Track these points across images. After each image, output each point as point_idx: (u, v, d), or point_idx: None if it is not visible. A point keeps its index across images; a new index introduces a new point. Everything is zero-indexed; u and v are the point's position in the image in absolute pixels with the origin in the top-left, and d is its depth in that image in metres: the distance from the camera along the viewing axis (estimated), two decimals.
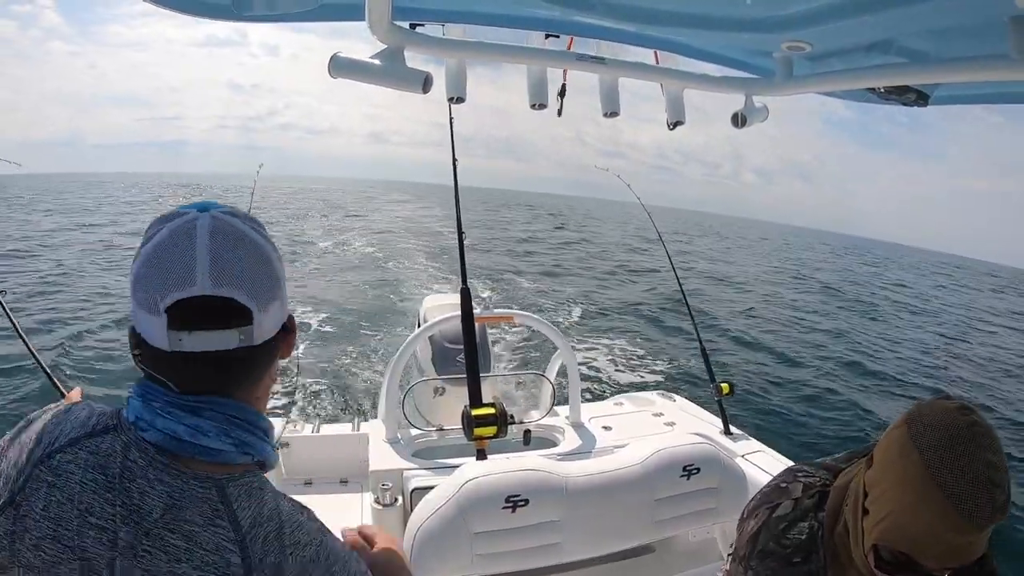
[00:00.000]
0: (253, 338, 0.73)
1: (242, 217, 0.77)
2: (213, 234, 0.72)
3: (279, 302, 0.78)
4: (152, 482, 0.71)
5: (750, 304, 16.44)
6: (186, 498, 0.71)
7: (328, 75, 1.26)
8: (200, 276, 0.69)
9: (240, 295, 0.71)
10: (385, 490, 2.31)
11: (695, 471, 2.12)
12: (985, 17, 1.08)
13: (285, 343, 0.82)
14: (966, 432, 0.91)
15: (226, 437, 0.73)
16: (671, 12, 1.30)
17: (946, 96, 1.56)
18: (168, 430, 0.71)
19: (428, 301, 4.50)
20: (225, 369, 0.74)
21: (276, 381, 0.86)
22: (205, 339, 0.70)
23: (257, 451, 0.77)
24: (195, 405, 0.73)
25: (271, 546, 0.73)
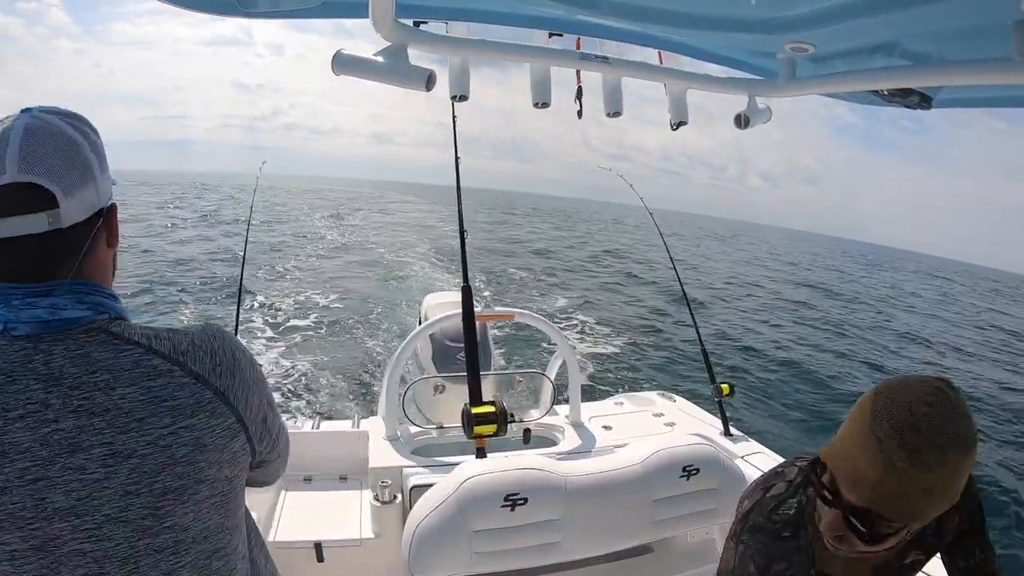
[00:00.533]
0: (61, 221, 0.81)
1: (61, 114, 0.86)
2: (28, 130, 0.80)
3: (91, 188, 0.85)
4: (50, 356, 0.79)
5: (753, 305, 16.43)
6: (85, 349, 0.81)
7: (332, 72, 1.26)
8: (10, 166, 0.77)
9: (44, 181, 0.79)
10: (384, 487, 2.31)
11: (695, 472, 2.13)
12: (989, 20, 1.08)
13: (107, 229, 0.90)
14: (920, 388, 0.93)
15: (80, 305, 0.83)
16: (675, 12, 1.29)
17: (949, 99, 1.56)
18: (33, 318, 0.80)
19: (429, 299, 4.51)
20: (44, 250, 0.82)
21: (116, 268, 0.95)
22: (16, 223, 0.78)
23: (112, 309, 0.86)
24: (47, 289, 0.81)
25: (169, 340, 0.86)
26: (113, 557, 0.81)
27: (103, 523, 0.79)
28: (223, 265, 15.05)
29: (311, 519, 2.33)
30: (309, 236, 23.82)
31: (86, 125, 0.88)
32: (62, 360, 0.79)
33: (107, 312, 0.85)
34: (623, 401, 3.46)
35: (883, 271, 45.17)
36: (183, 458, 0.83)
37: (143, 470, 0.80)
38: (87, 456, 0.78)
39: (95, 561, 0.80)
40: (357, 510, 2.46)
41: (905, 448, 0.89)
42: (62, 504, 0.77)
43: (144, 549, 0.82)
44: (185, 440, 0.83)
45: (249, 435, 0.92)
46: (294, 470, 2.76)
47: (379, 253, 19.50)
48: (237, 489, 0.93)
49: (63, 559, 0.78)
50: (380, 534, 2.30)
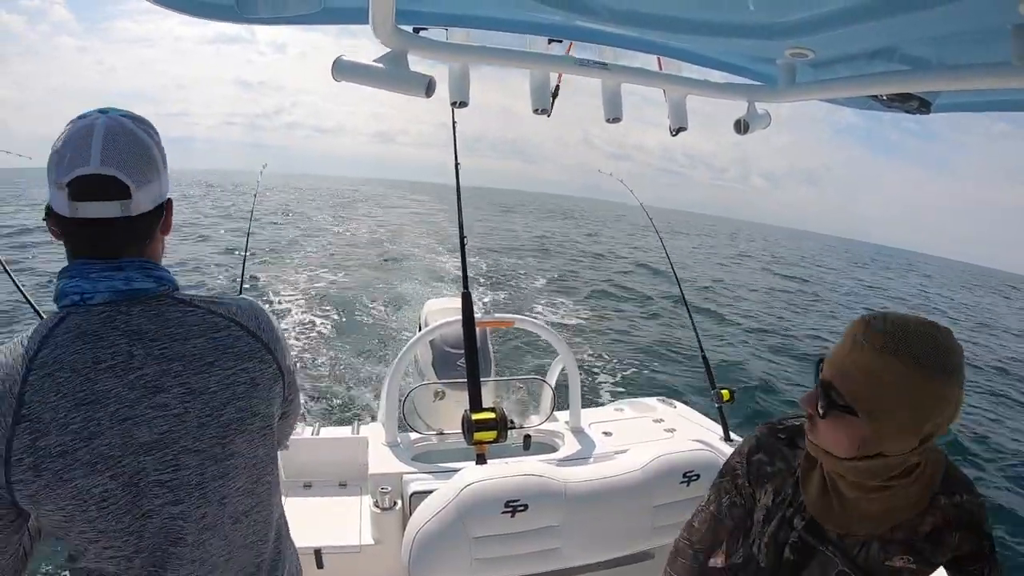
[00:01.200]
0: (131, 210, 0.96)
1: (133, 119, 1.00)
2: (108, 129, 0.94)
3: (156, 184, 1.00)
4: (129, 317, 0.96)
5: (751, 308, 16.42)
6: (158, 310, 0.98)
7: (332, 78, 1.27)
8: (93, 159, 0.92)
9: (121, 175, 0.94)
10: (384, 493, 2.31)
11: (695, 478, 2.12)
12: (988, 25, 1.08)
13: (163, 220, 1.05)
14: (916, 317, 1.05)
15: (148, 278, 0.99)
16: (674, 18, 1.30)
17: (949, 104, 1.57)
18: (110, 288, 0.95)
19: (429, 305, 4.50)
20: (116, 233, 0.97)
21: (164, 252, 1.09)
22: (95, 207, 0.93)
23: (172, 282, 1.03)
24: (118, 264, 0.97)
25: (223, 304, 1.06)
26: (187, 484, 0.97)
27: (180, 453, 0.96)
28: (224, 264, 15.07)
29: (310, 525, 2.32)
30: (309, 234, 23.85)
31: (152, 129, 1.02)
32: (140, 319, 0.96)
33: (168, 284, 1.02)
34: (623, 407, 3.45)
35: (887, 271, 45.24)
36: (242, 394, 1.02)
37: (213, 404, 0.99)
38: (168, 395, 0.95)
39: (172, 490, 0.96)
40: (357, 516, 2.45)
41: (870, 327, 1.02)
42: (146, 439, 0.93)
43: (210, 476, 0.99)
44: (243, 380, 1.03)
45: (286, 382, 1.13)
46: (293, 476, 2.75)
47: (381, 250, 19.52)
48: (275, 424, 1.12)
49: (145, 490, 0.94)
50: (380, 541, 2.29)
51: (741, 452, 1.34)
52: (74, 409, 0.89)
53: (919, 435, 1.03)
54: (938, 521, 1.13)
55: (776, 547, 1.24)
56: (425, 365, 3.75)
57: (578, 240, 34.79)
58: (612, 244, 33.94)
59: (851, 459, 1.08)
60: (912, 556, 1.14)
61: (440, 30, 1.44)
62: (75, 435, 0.89)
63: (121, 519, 0.93)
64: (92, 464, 0.90)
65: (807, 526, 1.20)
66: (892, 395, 0.99)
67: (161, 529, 0.96)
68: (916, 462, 1.10)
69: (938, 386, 0.99)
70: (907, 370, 0.98)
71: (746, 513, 1.35)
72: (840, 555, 1.18)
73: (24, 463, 0.88)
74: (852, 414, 1.03)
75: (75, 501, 0.90)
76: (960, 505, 1.13)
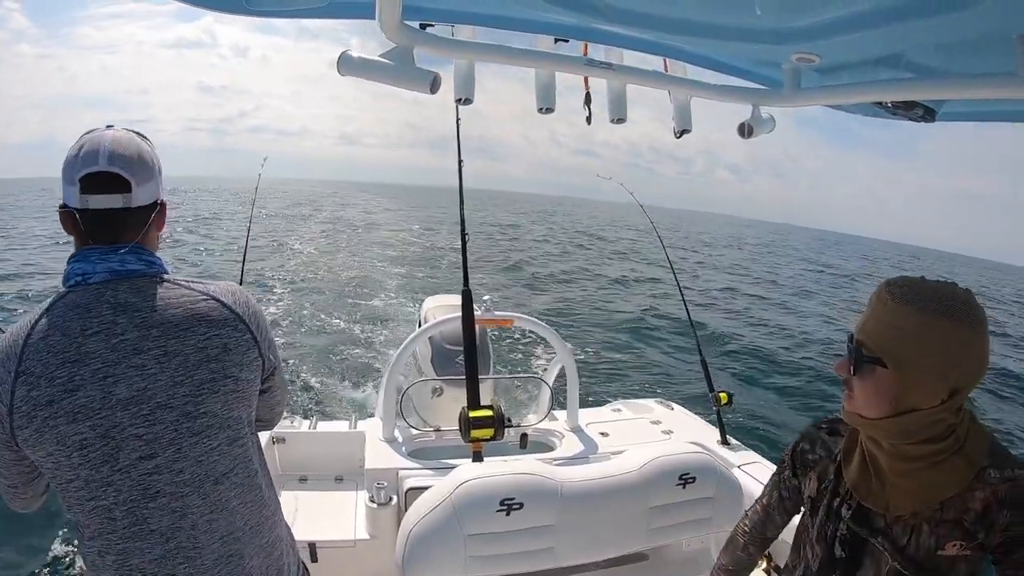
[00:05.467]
0: (131, 202, 1.13)
1: (134, 132, 1.19)
2: (113, 138, 1.14)
3: (152, 184, 1.18)
4: (117, 292, 1.10)
5: (746, 307, 16.40)
6: (143, 287, 1.13)
7: (337, 72, 1.26)
8: (101, 160, 1.10)
9: (123, 172, 1.12)
10: (380, 489, 2.31)
11: (691, 480, 2.12)
12: (994, 34, 1.08)
13: (158, 217, 1.21)
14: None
15: (140, 261, 1.15)
16: (681, 20, 1.30)
17: (953, 112, 1.56)
18: (107, 269, 1.11)
19: (429, 302, 4.50)
20: (118, 221, 1.13)
21: (160, 245, 1.25)
22: (102, 199, 1.11)
23: (162, 267, 1.18)
24: (116, 249, 1.13)
25: (202, 283, 1.21)
26: (161, 439, 1.08)
27: (155, 409, 1.07)
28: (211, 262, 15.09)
29: (306, 519, 2.32)
30: (288, 236, 23.90)
31: (149, 141, 1.21)
32: (126, 294, 1.11)
33: (157, 267, 1.17)
34: (621, 408, 3.46)
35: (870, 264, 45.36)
36: (215, 357, 1.14)
37: (187, 365, 1.10)
38: (146, 356, 1.08)
39: (147, 444, 1.07)
40: (352, 511, 2.45)
41: (891, 285, 1.09)
42: (124, 395, 1.06)
43: (185, 432, 1.10)
44: (216, 344, 1.15)
45: (261, 351, 1.23)
46: (290, 470, 2.76)
47: (356, 254, 19.51)
48: (253, 390, 1.23)
49: (122, 443, 1.06)
50: (375, 536, 2.29)
51: (788, 447, 1.40)
52: (61, 366, 1.04)
53: (948, 385, 1.05)
54: (988, 497, 1.07)
55: (826, 545, 1.23)
56: (424, 361, 3.75)
57: (567, 239, 34.74)
58: (602, 244, 33.90)
59: (885, 418, 1.09)
60: (966, 541, 1.09)
61: (446, 27, 1.44)
62: (60, 387, 1.03)
63: (99, 468, 1.05)
64: (73, 414, 1.03)
65: (854, 515, 1.19)
66: (916, 343, 1.03)
67: (138, 483, 1.07)
68: (951, 424, 1.08)
69: (960, 333, 1.02)
70: (929, 318, 1.02)
71: (794, 507, 1.41)
72: (890, 546, 1.13)
73: (22, 411, 1.03)
74: (881, 365, 1.07)
75: (59, 447, 1.04)
76: (1013, 480, 1.06)
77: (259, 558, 1.22)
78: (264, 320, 1.27)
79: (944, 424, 1.07)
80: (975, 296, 1.06)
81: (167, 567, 1.10)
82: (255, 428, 1.28)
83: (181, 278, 1.19)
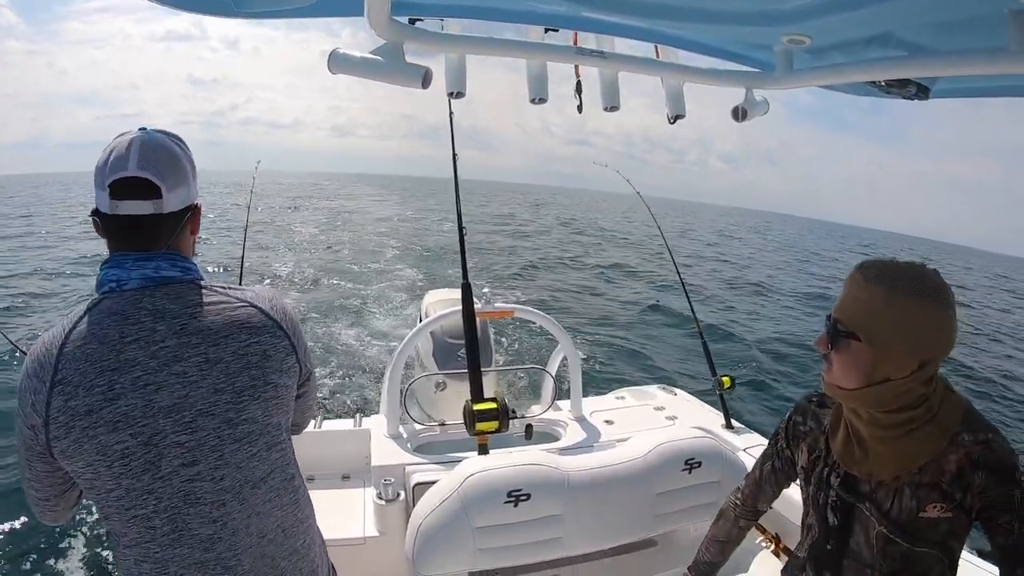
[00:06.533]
0: (162, 207, 1.11)
1: (167, 135, 1.17)
2: (144, 141, 1.11)
3: (184, 188, 1.15)
4: (154, 299, 1.09)
5: (751, 294, 16.42)
6: (181, 293, 1.11)
7: (328, 71, 1.26)
8: (131, 165, 1.08)
9: (153, 177, 1.09)
10: (387, 485, 2.32)
11: (697, 465, 2.13)
12: (985, 9, 1.08)
13: (192, 220, 1.20)
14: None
15: (175, 268, 1.13)
16: (671, 6, 1.29)
17: (947, 89, 1.56)
18: (141, 276, 1.09)
19: (429, 296, 4.51)
20: (149, 227, 1.11)
21: (195, 251, 1.24)
22: (132, 205, 1.09)
23: (197, 273, 1.17)
24: (150, 255, 1.11)
25: (240, 289, 1.20)
26: (203, 446, 1.07)
27: (197, 416, 1.06)
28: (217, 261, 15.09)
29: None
30: (287, 230, 23.86)
31: (183, 143, 1.19)
32: (164, 301, 1.09)
33: (193, 274, 1.16)
34: (624, 395, 3.46)
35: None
36: (256, 363, 1.13)
37: (228, 372, 1.10)
38: (187, 364, 1.07)
39: (189, 451, 1.06)
40: (360, 509, 2.46)
41: (866, 265, 1.17)
42: (166, 403, 1.05)
43: (227, 439, 1.09)
44: (256, 351, 1.14)
45: (299, 357, 1.23)
46: None
47: (358, 246, 19.53)
48: (291, 396, 1.23)
49: (164, 451, 1.04)
50: (384, 532, 2.30)
51: (783, 419, 1.48)
52: (100, 375, 1.02)
53: (917, 358, 1.13)
54: (962, 459, 1.14)
55: (819, 513, 1.31)
56: (426, 356, 3.76)
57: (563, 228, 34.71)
58: (597, 231, 33.84)
59: (861, 388, 1.17)
60: (944, 503, 1.15)
61: (436, 21, 1.43)
62: (100, 396, 1.01)
63: (140, 477, 1.04)
64: (114, 423, 1.02)
65: (842, 483, 1.27)
66: (888, 319, 1.11)
67: (179, 491, 1.06)
68: (923, 394, 1.15)
69: (928, 309, 1.11)
70: (898, 296, 1.11)
71: (785, 477, 1.49)
72: (875, 510, 1.21)
73: (59, 421, 1.01)
74: (856, 339, 1.15)
75: (99, 456, 1.02)
76: (986, 443, 1.14)
77: (292, 560, 1.22)
78: (299, 326, 1.26)
79: (915, 394, 1.15)
80: (942, 276, 1.14)
81: (206, 575, 1.10)
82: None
83: (217, 284, 1.18)
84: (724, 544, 1.60)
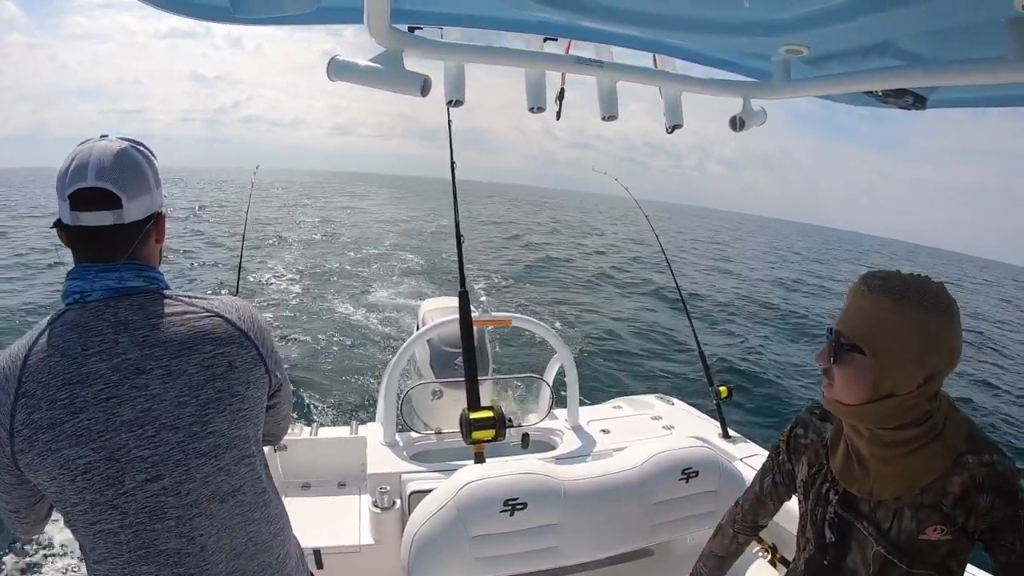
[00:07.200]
0: (123, 218, 1.08)
1: (129, 142, 1.14)
2: (104, 150, 1.09)
3: (147, 197, 1.13)
4: (117, 310, 1.07)
5: (744, 302, 16.43)
6: (144, 304, 1.09)
7: (327, 78, 1.26)
8: (90, 175, 1.05)
9: (113, 188, 1.07)
10: (383, 493, 2.30)
11: (693, 474, 2.12)
12: (983, 19, 1.08)
13: (156, 229, 1.17)
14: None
15: (139, 278, 1.11)
16: (669, 15, 1.30)
17: (944, 99, 1.57)
18: (104, 287, 1.07)
19: (427, 304, 4.49)
20: (111, 238, 1.09)
21: (161, 256, 1.22)
22: (92, 216, 1.06)
23: (161, 283, 1.15)
24: (113, 266, 1.09)
25: (205, 299, 1.17)
26: (167, 460, 1.05)
27: (160, 430, 1.04)
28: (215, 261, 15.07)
29: (310, 526, 2.31)
30: (287, 231, 23.86)
31: (147, 150, 1.16)
32: (127, 312, 1.07)
33: (157, 284, 1.14)
34: (621, 404, 3.46)
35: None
36: (220, 376, 1.10)
37: (191, 384, 1.07)
38: (149, 376, 1.04)
39: (153, 465, 1.04)
40: (356, 516, 2.45)
41: (868, 277, 1.14)
42: (128, 417, 1.02)
43: (192, 453, 1.07)
44: (221, 363, 1.11)
45: (268, 367, 1.20)
46: (292, 477, 2.75)
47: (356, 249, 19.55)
48: (260, 408, 1.20)
49: (127, 466, 1.02)
50: (379, 540, 2.29)
51: (783, 431, 1.43)
52: (62, 388, 1.01)
53: (922, 371, 1.09)
54: (966, 482, 1.11)
55: (817, 529, 1.28)
56: (423, 364, 3.74)
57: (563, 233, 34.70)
58: (595, 236, 33.84)
59: (864, 403, 1.13)
60: (945, 525, 1.12)
61: (435, 29, 1.44)
62: (63, 410, 1.00)
63: (104, 492, 1.02)
64: (76, 436, 1.00)
65: (841, 500, 1.24)
66: (892, 331, 1.08)
67: (144, 506, 1.04)
68: (928, 410, 1.12)
69: (933, 322, 1.08)
70: (904, 308, 1.08)
71: (786, 492, 1.45)
72: (874, 530, 1.18)
73: (23, 435, 0.99)
74: (860, 352, 1.11)
75: (62, 471, 1.00)
76: (991, 465, 1.10)
77: (265, 574, 1.20)
78: (270, 335, 1.24)
79: (920, 410, 1.12)
80: (946, 288, 1.12)
81: None
82: (262, 444, 1.26)
83: (183, 294, 1.15)
84: (722, 560, 1.56)
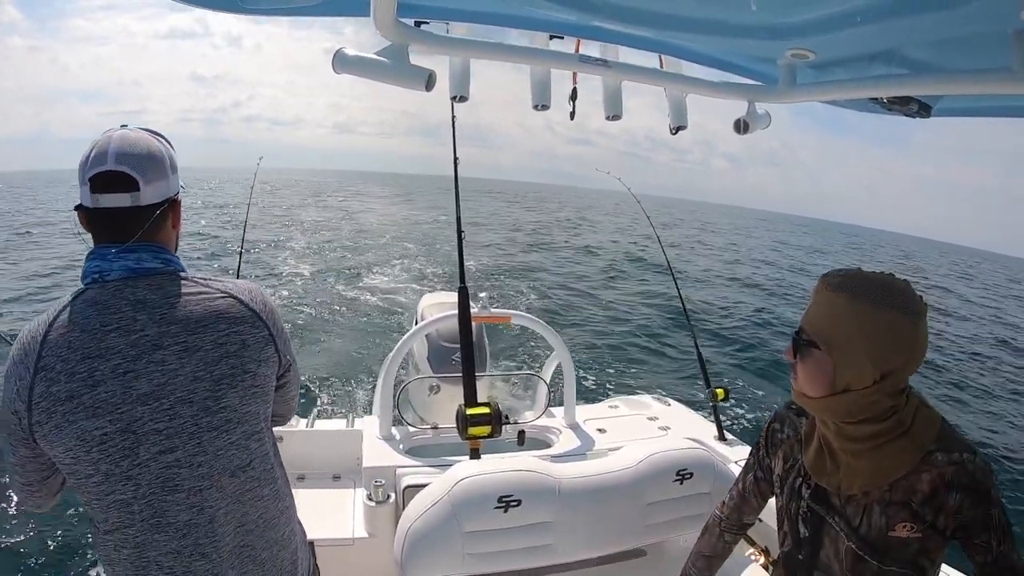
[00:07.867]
0: (140, 200, 1.14)
1: (148, 131, 1.21)
2: (123, 136, 1.15)
3: (163, 182, 1.18)
4: (136, 289, 1.12)
5: (742, 301, 16.42)
6: (162, 284, 1.15)
7: (332, 71, 1.26)
8: (110, 159, 1.12)
9: (131, 171, 1.13)
10: (378, 487, 2.31)
11: (688, 476, 2.13)
12: (989, 29, 1.08)
13: (173, 214, 1.23)
14: None
15: (156, 259, 1.16)
16: (676, 17, 1.29)
17: (949, 108, 1.56)
18: (123, 267, 1.13)
19: (426, 299, 4.50)
20: (127, 219, 1.14)
21: (178, 242, 1.28)
22: (111, 198, 1.12)
23: (178, 265, 1.20)
24: (132, 247, 1.14)
25: (220, 281, 1.23)
26: (181, 433, 1.09)
27: (175, 404, 1.09)
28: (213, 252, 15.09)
29: (304, 517, 2.31)
30: (288, 228, 23.87)
31: (164, 138, 1.22)
32: (145, 291, 1.12)
33: (174, 265, 1.19)
34: (618, 404, 3.46)
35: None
36: (234, 353, 1.16)
37: (206, 360, 1.12)
38: (166, 352, 1.09)
39: (167, 438, 1.08)
40: (350, 509, 2.45)
41: (829, 275, 1.17)
42: (144, 390, 1.07)
43: (205, 426, 1.11)
44: (235, 340, 1.16)
45: (278, 347, 1.25)
46: (287, 468, 2.74)
47: (358, 244, 19.54)
48: (270, 385, 1.25)
49: (142, 438, 1.07)
50: (373, 534, 2.29)
51: (763, 428, 1.45)
52: (81, 361, 1.05)
53: (879, 368, 1.11)
54: (935, 479, 1.11)
55: (791, 523, 1.31)
56: (421, 359, 3.75)
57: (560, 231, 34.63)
58: (595, 233, 33.77)
59: (824, 397, 1.16)
60: (914, 523, 1.13)
61: (441, 24, 1.43)
62: (81, 382, 1.04)
63: (119, 463, 1.06)
64: (94, 408, 1.04)
65: (813, 494, 1.26)
66: (847, 326, 1.11)
67: (158, 477, 1.08)
68: (891, 406, 1.14)
69: (890, 320, 1.09)
70: (858, 305, 1.10)
71: (768, 487, 1.45)
72: (845, 525, 1.20)
73: (41, 407, 1.04)
74: (816, 347, 1.15)
75: (79, 442, 1.04)
76: (960, 463, 1.10)
77: (273, 550, 1.24)
78: (280, 318, 1.29)
79: (881, 405, 1.13)
80: (912, 287, 1.13)
81: (183, 561, 1.12)
82: (271, 423, 1.30)
83: (198, 276, 1.21)
84: (710, 559, 1.58)
